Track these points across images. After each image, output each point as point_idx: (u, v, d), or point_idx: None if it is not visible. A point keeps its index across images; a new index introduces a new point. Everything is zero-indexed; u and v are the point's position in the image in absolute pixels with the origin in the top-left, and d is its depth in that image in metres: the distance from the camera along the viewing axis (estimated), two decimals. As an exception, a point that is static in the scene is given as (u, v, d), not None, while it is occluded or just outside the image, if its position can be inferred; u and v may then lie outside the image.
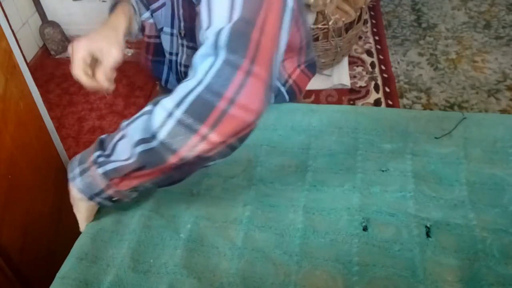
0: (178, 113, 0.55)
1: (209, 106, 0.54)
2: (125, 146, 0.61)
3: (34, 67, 2.30)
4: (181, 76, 0.95)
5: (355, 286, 0.63)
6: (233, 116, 0.55)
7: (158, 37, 0.91)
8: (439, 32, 2.32)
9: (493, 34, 2.27)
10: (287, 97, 0.95)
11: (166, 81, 1.00)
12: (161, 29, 0.88)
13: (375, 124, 0.85)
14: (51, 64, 2.37)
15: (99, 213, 0.75)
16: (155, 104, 0.60)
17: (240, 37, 0.56)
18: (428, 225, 0.69)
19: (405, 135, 0.83)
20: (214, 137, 0.55)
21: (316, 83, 2.06)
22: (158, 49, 0.93)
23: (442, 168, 0.78)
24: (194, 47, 0.88)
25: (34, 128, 0.96)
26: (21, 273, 0.95)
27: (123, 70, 2.33)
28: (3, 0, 1.89)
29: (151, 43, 0.93)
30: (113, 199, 0.67)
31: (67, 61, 2.57)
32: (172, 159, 0.58)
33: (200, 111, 0.54)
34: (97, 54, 0.73)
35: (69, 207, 0.73)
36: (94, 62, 0.74)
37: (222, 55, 0.55)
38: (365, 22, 2.36)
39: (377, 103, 1.96)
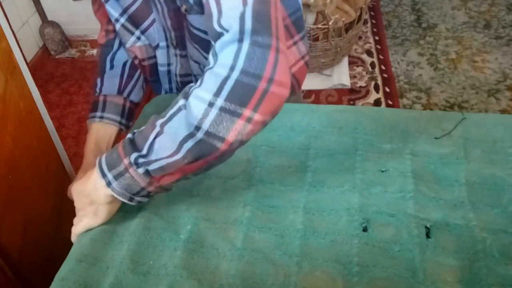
0: (220, 102, 0.55)
1: (250, 89, 0.55)
2: (164, 144, 0.61)
3: (34, 67, 2.31)
4: (178, 86, 0.95)
5: (355, 287, 0.63)
6: (273, 93, 0.56)
7: (151, 58, 0.91)
8: (439, 32, 2.33)
9: (493, 34, 2.27)
10: None
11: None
12: (157, 46, 0.88)
13: (375, 124, 0.85)
14: (51, 64, 2.37)
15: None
16: (185, 97, 0.60)
17: (263, 18, 0.56)
18: (428, 226, 0.69)
19: (405, 135, 0.83)
20: (258, 117, 0.57)
21: (316, 83, 2.06)
22: (153, 70, 0.94)
23: (441, 168, 0.78)
24: (186, 55, 0.88)
25: (34, 128, 0.96)
26: (21, 273, 0.95)
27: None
28: (3, 0, 1.89)
29: (145, 66, 0.93)
30: (151, 194, 0.68)
31: (67, 61, 2.59)
32: (223, 146, 0.58)
33: (242, 95, 0.55)
34: None
35: (69, 208, 0.73)
36: None
37: (248, 38, 0.55)
38: (365, 22, 2.37)
39: (377, 103, 1.96)
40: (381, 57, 2.20)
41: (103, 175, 0.65)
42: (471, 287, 0.62)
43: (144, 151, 0.62)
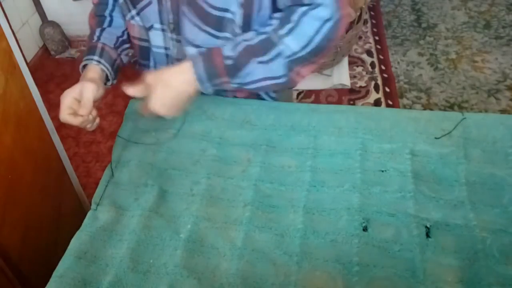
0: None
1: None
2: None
3: (34, 67, 2.31)
4: None
5: (355, 286, 0.63)
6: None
7: (145, 40, 0.91)
8: (439, 32, 2.33)
9: (493, 34, 2.27)
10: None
11: None
12: (151, 27, 0.88)
13: (375, 124, 0.85)
14: (51, 64, 2.37)
15: (98, 211, 0.75)
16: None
17: None
18: (428, 226, 0.69)
19: (405, 135, 0.83)
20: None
21: (316, 83, 2.06)
22: (144, 52, 0.94)
23: (441, 168, 0.78)
24: (180, 41, 0.88)
25: (34, 128, 0.96)
26: (21, 273, 0.95)
27: (123, 70, 2.33)
28: (3, 0, 1.89)
29: (136, 45, 0.94)
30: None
31: (67, 61, 2.59)
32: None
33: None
34: (78, 97, 0.82)
35: (69, 207, 0.73)
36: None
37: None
38: (365, 22, 2.36)
39: (377, 103, 1.96)
40: (381, 57, 2.20)
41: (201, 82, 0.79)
42: (471, 287, 0.62)
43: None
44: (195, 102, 0.94)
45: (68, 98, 0.82)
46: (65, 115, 0.81)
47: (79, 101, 0.83)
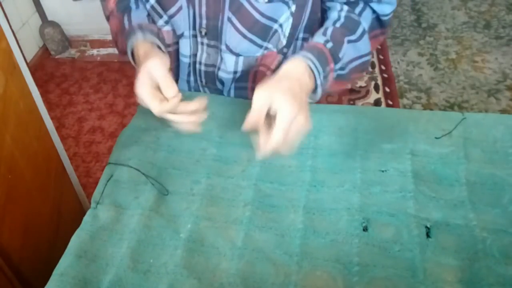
0: None
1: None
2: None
3: (34, 67, 2.31)
4: (199, 76, 0.93)
5: (355, 286, 0.63)
6: None
7: (176, 43, 0.89)
8: (439, 32, 2.33)
9: (493, 34, 2.27)
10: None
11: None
12: (181, 35, 0.86)
13: (375, 124, 0.85)
14: (51, 64, 2.37)
15: (98, 210, 0.75)
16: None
17: None
18: (428, 226, 0.69)
19: (405, 135, 0.83)
20: None
21: (316, 83, 2.06)
22: (174, 57, 0.92)
23: (442, 168, 0.78)
24: (215, 46, 0.86)
25: (34, 128, 0.96)
26: (21, 273, 0.95)
27: (123, 70, 2.33)
28: (3, 0, 1.89)
29: (170, 52, 0.89)
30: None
31: (67, 61, 2.59)
32: None
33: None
34: (152, 82, 0.70)
35: (69, 207, 0.73)
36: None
37: None
38: (365, 22, 2.36)
39: (377, 103, 1.96)
40: (381, 57, 2.20)
41: (318, 74, 0.73)
42: (471, 287, 0.62)
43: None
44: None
45: (146, 92, 0.69)
46: (158, 107, 0.68)
47: (157, 86, 0.70)
